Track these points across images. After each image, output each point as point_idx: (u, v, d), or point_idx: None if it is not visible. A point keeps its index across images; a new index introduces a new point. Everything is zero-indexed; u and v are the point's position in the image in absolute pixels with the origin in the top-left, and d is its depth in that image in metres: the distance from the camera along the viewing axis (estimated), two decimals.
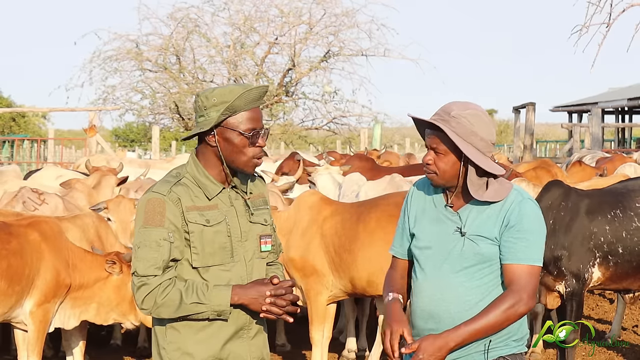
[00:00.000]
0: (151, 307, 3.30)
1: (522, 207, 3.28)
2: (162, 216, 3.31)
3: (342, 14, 29.49)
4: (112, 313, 6.49)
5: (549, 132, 58.72)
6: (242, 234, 3.44)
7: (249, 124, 3.36)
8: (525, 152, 20.22)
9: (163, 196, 3.33)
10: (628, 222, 6.74)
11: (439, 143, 3.29)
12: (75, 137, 38.38)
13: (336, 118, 30.15)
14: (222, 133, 3.36)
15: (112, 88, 29.20)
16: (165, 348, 3.40)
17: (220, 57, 29.50)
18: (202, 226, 3.36)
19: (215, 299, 3.28)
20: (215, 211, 3.39)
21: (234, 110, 3.34)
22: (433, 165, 3.31)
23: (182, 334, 3.38)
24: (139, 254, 3.31)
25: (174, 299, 3.28)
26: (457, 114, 3.26)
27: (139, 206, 3.38)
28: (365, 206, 7.31)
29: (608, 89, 43.84)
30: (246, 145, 3.37)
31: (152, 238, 3.30)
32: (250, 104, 3.36)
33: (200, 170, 3.41)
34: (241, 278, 3.42)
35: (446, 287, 3.31)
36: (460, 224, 3.32)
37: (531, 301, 3.25)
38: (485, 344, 3.28)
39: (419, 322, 3.36)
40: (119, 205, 8.04)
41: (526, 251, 3.26)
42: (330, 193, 9.55)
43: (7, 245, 6.09)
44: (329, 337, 7.30)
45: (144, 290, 3.30)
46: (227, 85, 3.41)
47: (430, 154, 3.32)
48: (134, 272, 3.32)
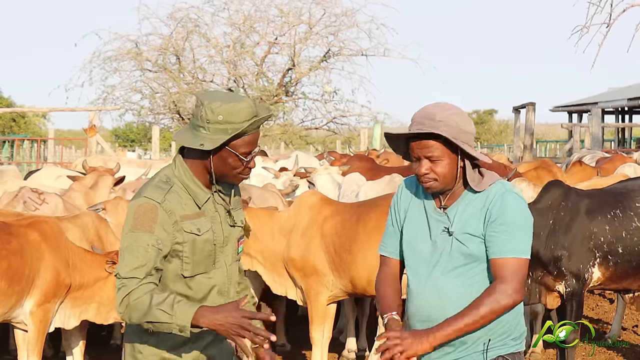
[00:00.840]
0: (124, 310, 3.21)
1: (504, 200, 3.27)
2: (154, 222, 3.23)
3: (342, 13, 29.47)
4: (112, 312, 6.49)
5: (549, 132, 58.71)
6: (224, 239, 3.40)
7: (248, 147, 3.29)
8: (525, 152, 20.23)
9: (157, 204, 3.25)
10: (628, 222, 6.74)
11: (433, 150, 3.28)
12: (75, 137, 38.39)
13: (336, 118, 30.14)
14: (220, 152, 3.28)
15: (111, 88, 29.19)
16: (142, 352, 3.35)
17: (220, 57, 29.48)
18: (194, 235, 3.31)
19: (180, 314, 3.12)
20: (203, 219, 3.34)
21: (241, 135, 3.25)
22: (431, 173, 3.29)
23: (161, 338, 3.31)
24: (125, 257, 3.23)
25: (144, 302, 3.16)
26: (442, 117, 3.26)
27: (129, 209, 3.29)
28: (365, 206, 7.31)
29: (608, 89, 43.84)
30: (239, 166, 3.31)
31: (140, 243, 3.22)
32: (255, 128, 3.29)
33: (189, 176, 3.33)
34: (223, 284, 3.40)
35: (440, 289, 3.31)
36: (448, 224, 3.32)
37: (517, 294, 3.23)
38: (485, 343, 3.28)
39: (417, 325, 3.36)
40: (117, 206, 8.03)
41: (510, 244, 3.24)
42: (330, 193, 9.55)
43: (7, 245, 6.09)
44: (329, 337, 7.30)
45: (122, 292, 3.21)
46: (234, 101, 3.26)
47: (424, 163, 3.29)
48: (117, 274, 3.24)
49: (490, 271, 3.29)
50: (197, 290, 3.34)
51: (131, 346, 3.39)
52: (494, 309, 3.21)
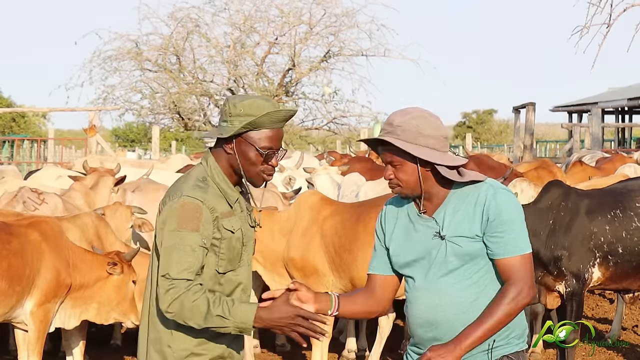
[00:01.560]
0: (177, 311, 3.25)
1: (498, 199, 3.27)
2: (199, 221, 3.30)
3: (342, 14, 29.48)
4: (112, 312, 6.49)
5: (549, 132, 58.68)
6: (247, 239, 3.50)
7: (268, 142, 3.39)
8: (525, 152, 20.22)
9: (201, 202, 3.33)
10: (628, 222, 6.74)
11: (392, 155, 3.30)
12: (75, 137, 38.38)
13: (336, 118, 30.15)
14: (240, 144, 3.39)
15: (111, 88, 29.19)
16: (171, 347, 3.40)
17: (220, 57, 29.49)
18: (230, 233, 3.39)
19: (239, 316, 3.24)
20: (234, 218, 3.43)
21: (256, 126, 3.37)
22: (395, 178, 3.31)
23: (190, 334, 3.37)
24: (174, 256, 3.28)
25: (201, 307, 3.23)
26: (400, 122, 3.27)
27: (170, 208, 3.33)
28: (365, 206, 7.31)
29: (608, 89, 43.80)
30: (260, 162, 3.40)
31: (187, 242, 3.28)
32: (274, 124, 3.40)
33: (220, 176, 3.43)
34: (247, 280, 3.50)
35: (438, 293, 3.29)
36: (437, 228, 3.31)
37: (532, 290, 3.25)
38: (489, 344, 3.27)
39: (419, 331, 3.35)
40: (116, 212, 8.07)
41: (514, 242, 3.25)
42: (329, 193, 9.55)
43: (7, 246, 6.09)
44: (329, 337, 7.30)
45: (172, 294, 3.25)
46: (257, 98, 3.42)
47: (388, 168, 3.32)
48: (166, 274, 3.27)
49: (488, 270, 3.28)
50: (225, 286, 3.42)
51: (157, 340, 3.42)
52: (513, 310, 3.22)
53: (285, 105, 29.65)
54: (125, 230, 7.99)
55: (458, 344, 3.19)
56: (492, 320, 3.21)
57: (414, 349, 3.40)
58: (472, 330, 3.20)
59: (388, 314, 7.67)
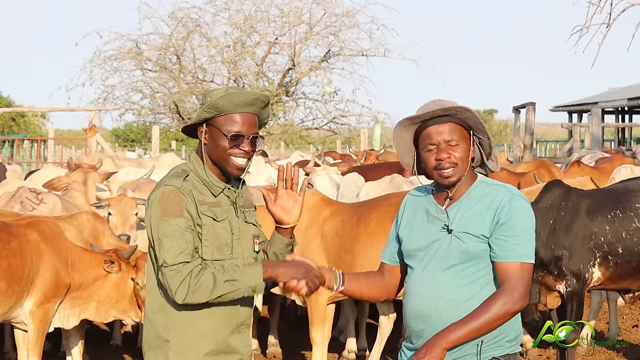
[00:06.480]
0: (185, 294, 3.28)
1: (513, 204, 3.28)
2: (181, 206, 3.35)
3: (343, 14, 29.43)
4: (112, 310, 6.49)
5: (549, 132, 58.69)
6: (240, 233, 3.51)
7: (233, 126, 3.43)
8: (525, 152, 20.22)
9: (178, 188, 3.38)
10: (628, 222, 6.74)
11: (452, 133, 3.31)
12: (75, 137, 38.36)
13: (336, 118, 30.11)
14: (211, 131, 3.45)
15: (112, 88, 29.16)
16: (169, 340, 3.41)
17: (220, 57, 29.46)
18: (212, 220, 3.41)
19: (248, 276, 3.30)
20: (219, 208, 3.46)
21: (218, 110, 3.42)
22: (452, 157, 3.30)
23: (187, 326, 3.40)
24: (165, 244, 3.32)
25: (207, 281, 3.27)
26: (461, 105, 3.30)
27: (153, 199, 3.39)
28: (365, 207, 7.30)
29: (608, 89, 43.81)
30: (227, 146, 3.43)
31: (174, 228, 3.32)
32: (237, 107, 3.43)
33: (200, 166, 3.48)
34: None
35: (434, 286, 3.31)
36: (447, 222, 3.32)
37: (523, 299, 3.24)
38: (478, 345, 3.27)
39: (412, 323, 3.37)
40: (121, 201, 8.31)
41: (518, 249, 3.25)
42: (329, 194, 9.53)
43: (6, 246, 6.09)
44: (328, 337, 7.29)
45: (177, 279, 3.28)
46: (230, 88, 3.49)
47: (444, 148, 3.30)
48: (163, 263, 3.30)
49: (487, 272, 3.29)
50: None
51: (177, 341, 3.42)
52: (501, 315, 3.22)
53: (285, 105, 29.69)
54: (130, 216, 8.23)
55: (442, 337, 3.21)
56: (478, 321, 3.20)
57: (407, 344, 3.42)
58: (457, 327, 3.21)
59: (388, 314, 7.67)
